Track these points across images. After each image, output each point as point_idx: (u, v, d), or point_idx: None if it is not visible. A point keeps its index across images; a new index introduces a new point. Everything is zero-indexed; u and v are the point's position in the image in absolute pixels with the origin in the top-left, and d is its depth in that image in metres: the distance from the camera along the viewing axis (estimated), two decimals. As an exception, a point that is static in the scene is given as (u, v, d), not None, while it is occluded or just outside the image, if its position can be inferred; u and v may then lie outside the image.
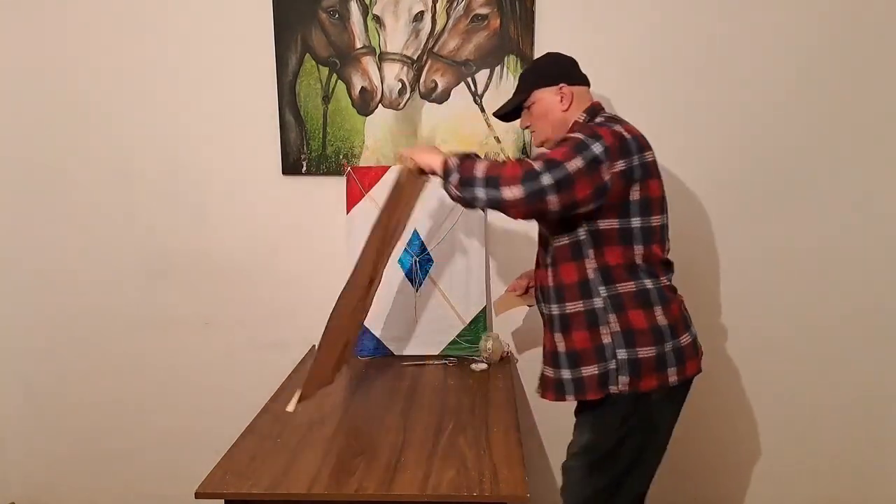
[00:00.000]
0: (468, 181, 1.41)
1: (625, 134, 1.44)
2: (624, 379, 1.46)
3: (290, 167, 2.13)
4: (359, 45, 2.04)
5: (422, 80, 2.06)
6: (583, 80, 1.61)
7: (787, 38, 1.99)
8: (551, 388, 1.56)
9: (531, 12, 1.99)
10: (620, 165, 1.41)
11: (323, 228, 2.17)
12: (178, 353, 2.27)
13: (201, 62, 2.09)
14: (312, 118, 2.09)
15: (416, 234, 2.11)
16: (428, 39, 2.03)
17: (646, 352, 1.47)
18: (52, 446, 2.35)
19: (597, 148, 1.38)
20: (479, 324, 2.11)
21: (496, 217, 2.12)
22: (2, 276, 2.26)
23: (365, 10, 2.02)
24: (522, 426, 1.87)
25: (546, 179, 1.34)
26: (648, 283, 1.49)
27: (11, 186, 2.19)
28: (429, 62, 2.04)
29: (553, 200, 1.36)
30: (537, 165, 1.36)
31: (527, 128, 1.67)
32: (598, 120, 1.52)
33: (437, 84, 2.05)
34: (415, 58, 2.04)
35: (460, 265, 2.11)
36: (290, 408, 1.46)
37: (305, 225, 2.18)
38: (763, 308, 2.15)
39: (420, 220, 2.11)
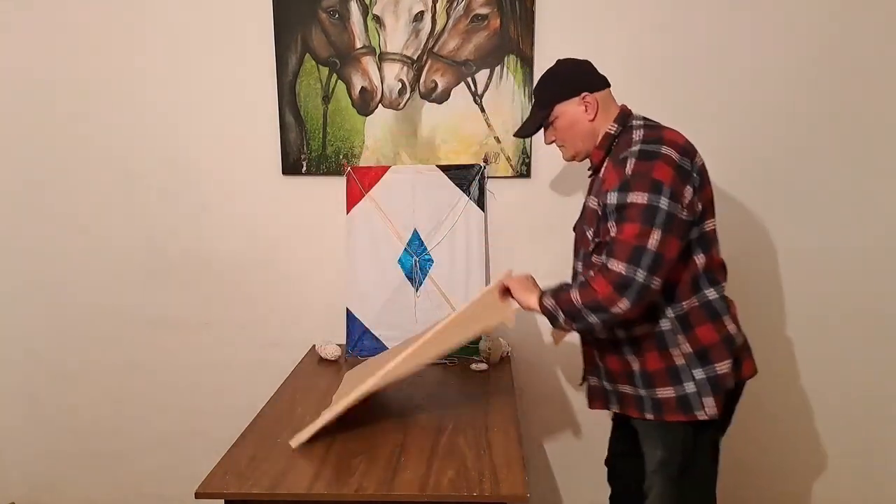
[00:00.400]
0: (575, 315, 1.40)
1: (674, 156, 1.36)
2: (709, 401, 1.43)
3: (290, 167, 2.13)
4: (359, 45, 2.04)
5: (422, 80, 2.06)
6: (603, 83, 1.54)
7: (788, 38, 1.99)
8: (632, 405, 1.55)
9: (531, 12, 1.99)
10: (688, 194, 1.36)
11: (323, 228, 2.17)
12: (178, 353, 2.27)
13: (201, 62, 2.09)
14: (312, 118, 2.09)
15: (416, 233, 2.11)
16: (428, 39, 2.03)
17: (723, 366, 1.43)
18: (52, 446, 2.35)
19: (664, 203, 1.31)
20: (480, 324, 2.11)
21: (496, 217, 2.13)
22: (2, 277, 2.25)
23: (365, 10, 2.02)
24: (522, 426, 1.87)
25: (640, 276, 1.31)
26: (711, 294, 1.45)
27: (11, 187, 2.19)
28: (429, 62, 2.04)
29: (657, 283, 1.33)
30: (622, 268, 1.31)
31: (552, 142, 1.61)
32: (635, 136, 1.43)
33: (437, 84, 2.05)
34: (415, 58, 2.04)
35: (460, 265, 2.11)
36: (294, 443, 1.45)
37: (305, 225, 2.18)
38: (764, 308, 2.15)
39: (420, 220, 2.11)
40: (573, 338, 2.15)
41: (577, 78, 1.53)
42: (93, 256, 2.22)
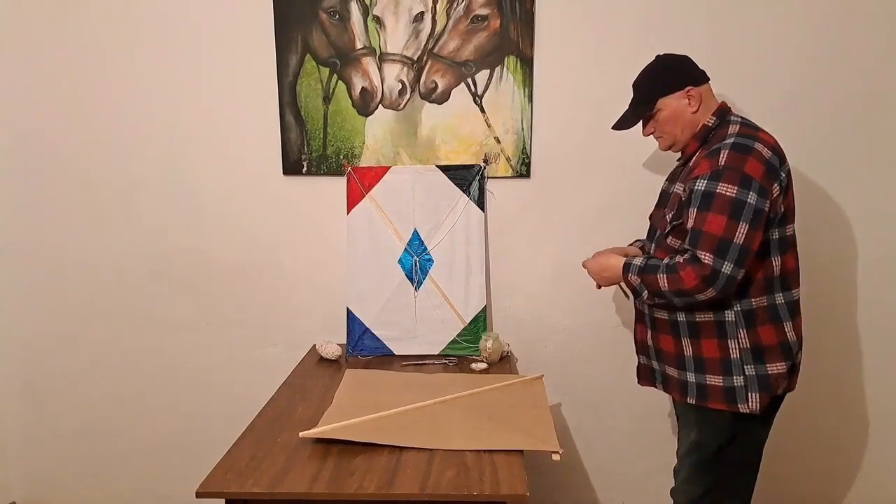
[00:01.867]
0: (659, 295, 1.48)
1: (765, 154, 1.42)
2: (754, 396, 1.47)
3: (291, 167, 2.13)
4: (359, 45, 2.05)
5: (422, 81, 2.06)
6: (704, 77, 1.59)
7: (791, 37, 1.99)
8: (676, 388, 1.59)
9: (531, 12, 1.99)
10: (776, 190, 1.42)
11: (323, 228, 2.17)
12: (178, 353, 2.27)
13: (202, 63, 2.09)
14: (313, 118, 2.09)
15: (416, 233, 2.11)
16: (428, 40, 2.03)
17: (776, 367, 1.48)
18: (52, 446, 2.35)
19: (752, 198, 1.38)
20: (479, 324, 2.11)
21: (496, 217, 2.13)
22: (2, 277, 2.26)
23: (365, 11, 2.02)
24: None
25: (727, 268, 1.37)
26: (780, 298, 1.49)
27: (11, 187, 2.19)
28: (429, 63, 2.05)
29: (741, 272, 1.39)
30: (708, 259, 1.37)
31: (650, 134, 1.64)
32: (731, 131, 1.49)
33: (437, 84, 2.06)
34: (415, 58, 2.04)
35: (460, 265, 2.11)
36: (303, 435, 1.45)
37: (306, 225, 2.18)
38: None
39: (420, 220, 2.12)
40: (570, 337, 2.15)
41: (681, 72, 1.57)
42: (94, 256, 2.22)
